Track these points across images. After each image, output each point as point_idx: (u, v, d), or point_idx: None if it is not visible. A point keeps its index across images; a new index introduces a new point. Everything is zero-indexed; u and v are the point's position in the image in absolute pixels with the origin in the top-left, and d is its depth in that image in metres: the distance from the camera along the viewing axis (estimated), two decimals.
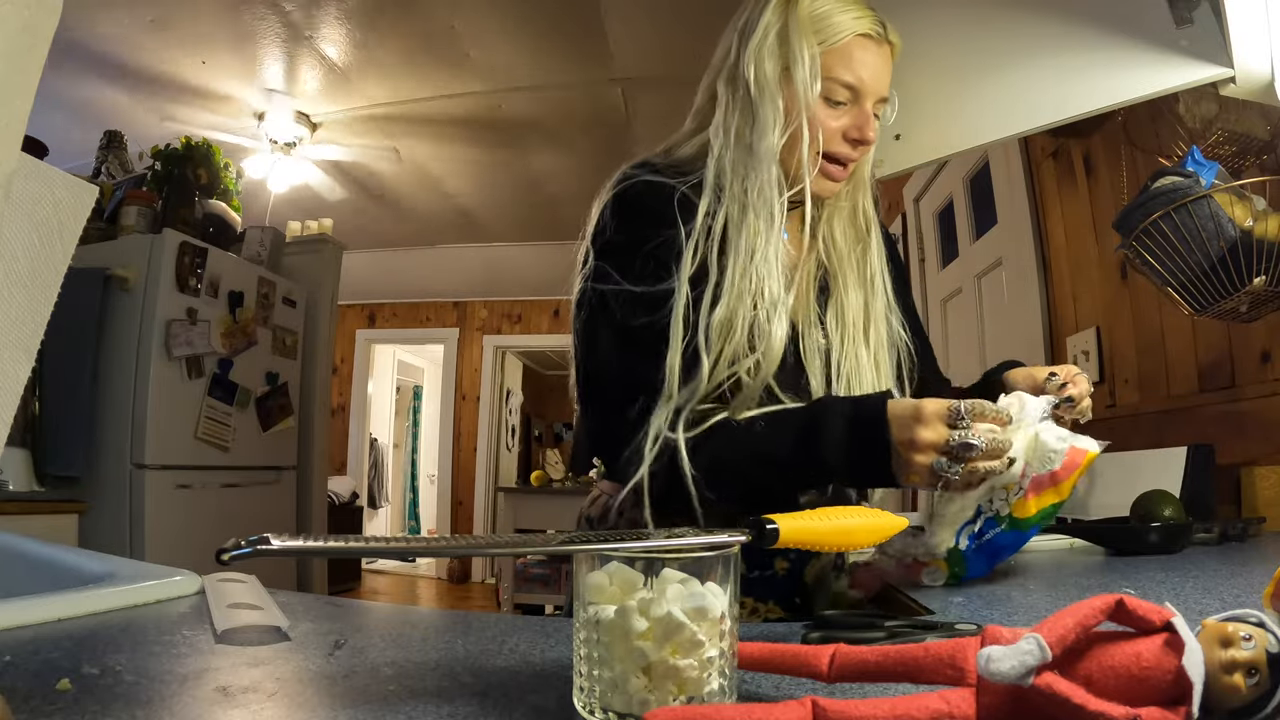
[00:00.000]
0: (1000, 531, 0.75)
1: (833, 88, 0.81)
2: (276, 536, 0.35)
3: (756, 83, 0.82)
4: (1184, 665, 0.30)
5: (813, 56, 0.80)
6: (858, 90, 0.82)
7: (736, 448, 0.75)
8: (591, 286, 0.81)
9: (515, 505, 4.63)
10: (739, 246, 0.79)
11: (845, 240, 0.91)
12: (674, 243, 0.80)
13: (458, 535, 0.81)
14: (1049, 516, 0.75)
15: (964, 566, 0.76)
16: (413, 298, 6.61)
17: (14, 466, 2.56)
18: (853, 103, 0.83)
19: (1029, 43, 1.12)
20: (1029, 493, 0.73)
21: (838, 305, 0.89)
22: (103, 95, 3.67)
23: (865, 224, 0.92)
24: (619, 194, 0.84)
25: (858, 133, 0.83)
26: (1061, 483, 0.73)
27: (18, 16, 0.33)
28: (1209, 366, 1.48)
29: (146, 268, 2.85)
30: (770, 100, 0.81)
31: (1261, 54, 0.97)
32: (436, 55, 3.47)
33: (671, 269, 0.79)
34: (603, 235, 0.83)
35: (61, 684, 0.44)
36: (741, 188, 0.81)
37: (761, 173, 0.80)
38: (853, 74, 0.81)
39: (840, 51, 0.81)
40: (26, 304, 0.38)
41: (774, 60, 0.82)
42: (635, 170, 0.85)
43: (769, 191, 0.80)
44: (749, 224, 0.80)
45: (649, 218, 0.81)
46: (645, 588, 0.40)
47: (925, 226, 3.22)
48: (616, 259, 0.81)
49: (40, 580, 0.83)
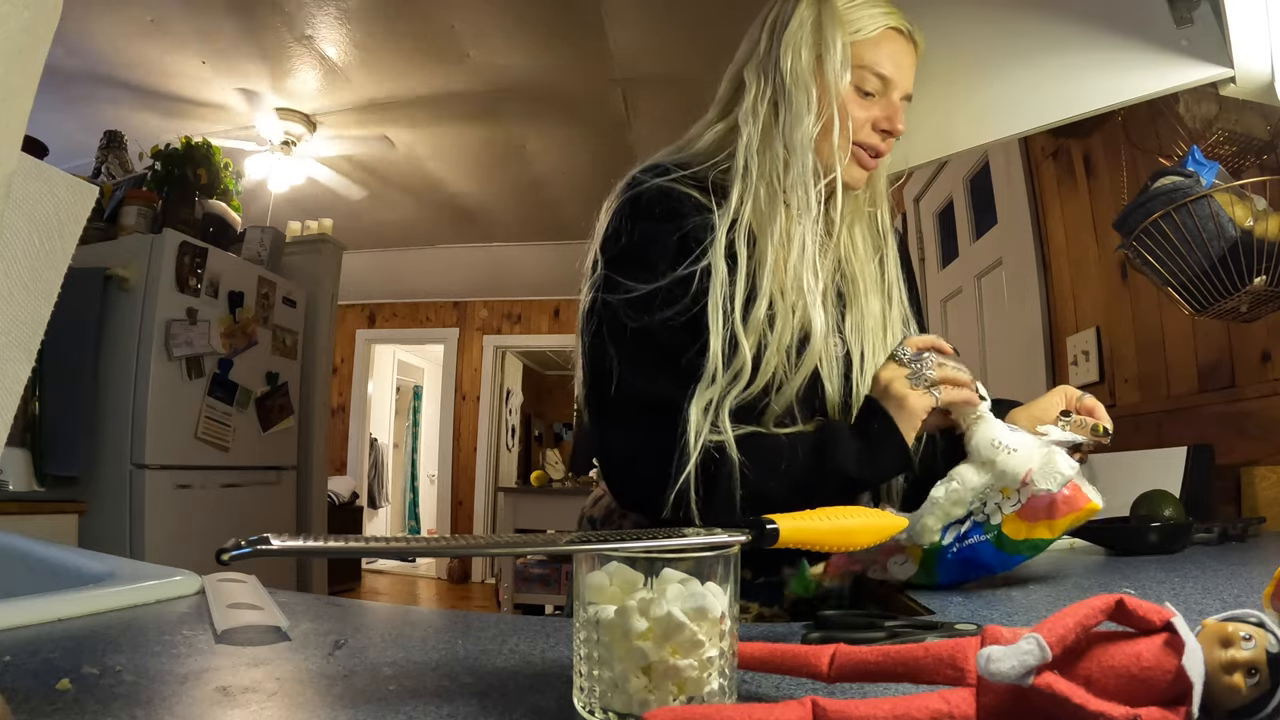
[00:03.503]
0: (984, 541, 0.72)
1: (864, 76, 0.83)
2: (276, 536, 0.35)
3: (792, 71, 0.83)
4: (1184, 665, 0.30)
5: (845, 45, 0.82)
6: (888, 80, 0.84)
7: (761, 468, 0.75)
8: (601, 297, 0.79)
9: (515, 505, 4.63)
10: (771, 234, 0.80)
11: (865, 248, 0.91)
12: (689, 239, 0.79)
13: (458, 535, 0.80)
14: (1035, 549, 0.73)
15: (935, 571, 0.74)
16: (413, 298, 6.61)
17: (14, 466, 2.56)
18: (882, 94, 0.84)
19: (1029, 43, 1.12)
20: (1024, 513, 0.71)
21: (857, 313, 0.89)
22: (103, 95, 3.67)
23: (883, 233, 0.93)
24: (630, 199, 0.82)
25: (887, 123, 0.84)
26: (1056, 519, 0.71)
27: (18, 16, 0.33)
28: (1209, 366, 1.48)
29: (146, 268, 2.85)
30: (804, 88, 0.82)
31: (1261, 54, 0.97)
32: (436, 55, 3.47)
33: (688, 263, 0.78)
34: (614, 243, 0.81)
35: (61, 684, 0.44)
36: (774, 175, 0.82)
37: (796, 161, 0.81)
38: (883, 64, 0.83)
39: (872, 42, 0.83)
40: (26, 304, 0.38)
41: (808, 49, 0.83)
42: (645, 175, 0.84)
43: (807, 178, 0.81)
44: (781, 212, 0.80)
45: (662, 222, 0.80)
46: (645, 588, 0.40)
47: (925, 226, 3.22)
48: (628, 267, 0.79)
49: (40, 580, 0.83)
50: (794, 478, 0.74)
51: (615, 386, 0.77)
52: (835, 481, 0.75)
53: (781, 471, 0.74)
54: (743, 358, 0.76)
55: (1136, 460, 1.42)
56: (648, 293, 0.77)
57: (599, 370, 0.79)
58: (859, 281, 0.89)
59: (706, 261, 0.78)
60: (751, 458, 0.73)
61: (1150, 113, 1.43)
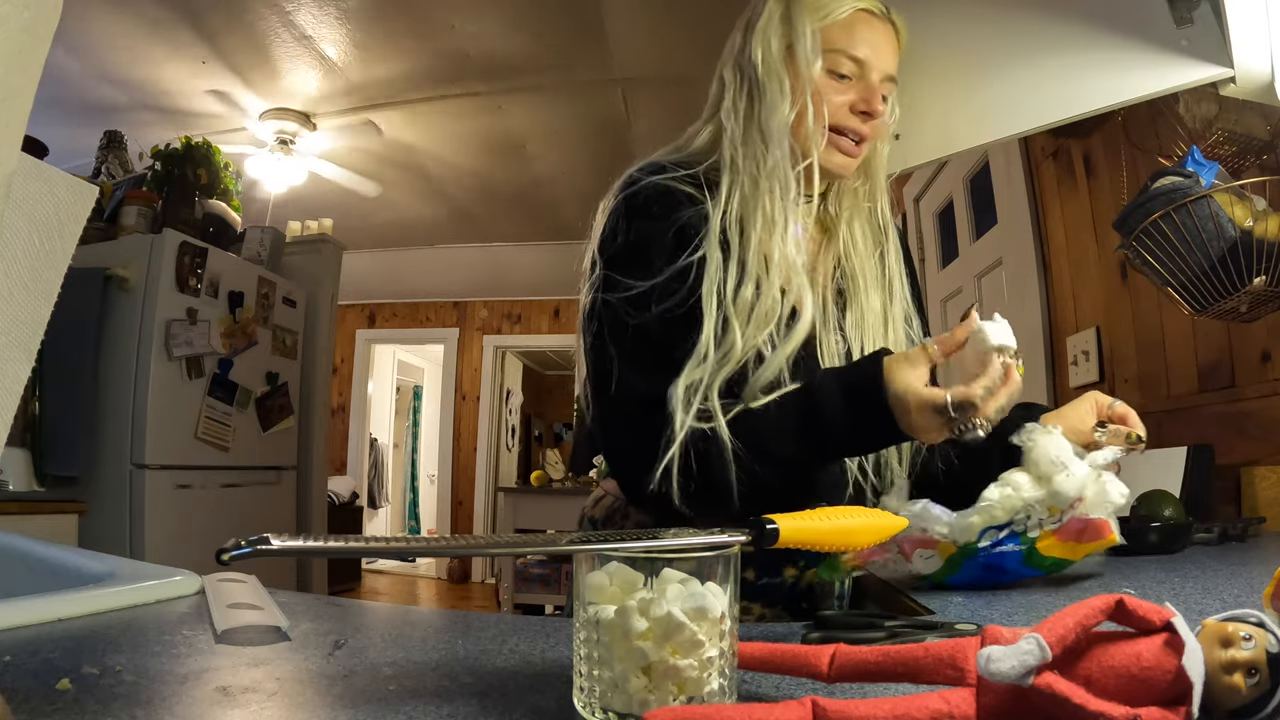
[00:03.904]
0: (1015, 551, 0.72)
1: (837, 60, 0.83)
2: (276, 536, 0.35)
3: (763, 63, 0.84)
4: (1184, 665, 0.30)
5: (814, 32, 0.82)
6: (862, 62, 0.84)
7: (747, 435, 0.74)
8: (601, 297, 0.80)
9: (515, 505, 4.62)
10: (756, 220, 0.81)
11: (865, 243, 0.91)
12: (685, 232, 0.80)
13: (458, 535, 0.80)
14: (1056, 568, 0.74)
15: (958, 569, 0.74)
16: (413, 298, 6.61)
17: (14, 466, 2.56)
18: (859, 77, 0.84)
19: (1029, 43, 1.12)
20: (1060, 532, 0.71)
21: (858, 309, 0.89)
22: (103, 95, 3.67)
23: (884, 227, 0.93)
24: (627, 198, 0.83)
25: (865, 105, 0.84)
26: (1083, 544, 0.72)
27: (18, 16, 0.33)
28: (1209, 366, 1.48)
29: (146, 268, 2.85)
30: (776, 78, 0.83)
31: (1261, 54, 0.97)
32: (436, 55, 3.47)
33: (685, 256, 0.79)
34: (611, 242, 0.82)
35: (61, 684, 0.44)
36: (755, 165, 0.83)
37: (774, 148, 0.82)
38: (855, 46, 0.83)
39: (843, 25, 0.83)
40: (26, 304, 0.38)
41: (778, 39, 0.84)
42: (641, 174, 0.85)
43: (784, 165, 0.82)
44: (765, 199, 0.81)
45: (659, 220, 0.81)
46: (645, 588, 0.40)
47: (925, 226, 3.22)
48: (626, 265, 0.80)
49: (40, 580, 0.83)
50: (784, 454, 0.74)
51: (615, 385, 0.78)
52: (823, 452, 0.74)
53: (771, 447, 0.74)
54: (733, 338, 0.77)
55: (1136, 460, 1.41)
56: (646, 289, 0.78)
57: (600, 370, 0.80)
58: (859, 278, 0.89)
59: (702, 252, 0.79)
60: (742, 436, 0.73)
61: (1150, 113, 1.42)
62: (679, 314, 0.77)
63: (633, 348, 0.78)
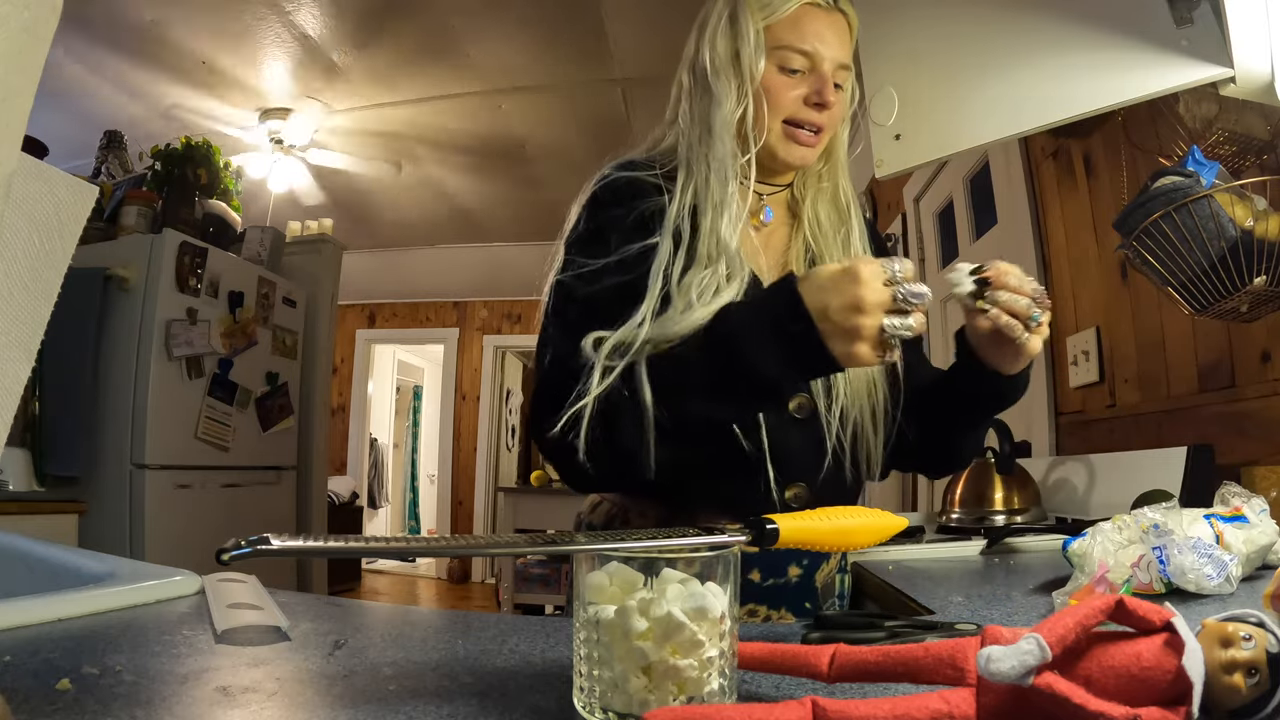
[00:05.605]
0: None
1: (786, 55, 0.85)
2: (276, 536, 0.35)
3: (711, 64, 0.86)
4: (1184, 665, 0.30)
5: (758, 31, 0.85)
6: (811, 55, 0.85)
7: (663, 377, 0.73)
8: (556, 279, 0.84)
9: (515, 505, 4.62)
10: (705, 211, 0.84)
11: (829, 222, 0.93)
12: (646, 218, 0.83)
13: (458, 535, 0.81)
14: None
15: None
16: (413, 298, 6.61)
17: (14, 466, 2.56)
18: (810, 69, 0.86)
19: (1029, 43, 1.12)
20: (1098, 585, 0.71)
21: None
22: (103, 95, 3.67)
23: (846, 204, 0.95)
24: (595, 192, 0.88)
25: (817, 97, 0.85)
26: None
27: (18, 16, 0.33)
28: (1209, 366, 1.48)
29: (146, 268, 2.85)
30: (724, 78, 0.85)
31: (1261, 54, 0.97)
32: (436, 55, 3.47)
33: (642, 239, 0.82)
34: (574, 230, 0.87)
35: (61, 684, 0.44)
36: (704, 160, 0.86)
37: (717, 144, 0.85)
38: (803, 40, 0.85)
39: (789, 21, 0.85)
40: (26, 304, 0.38)
41: (725, 40, 0.86)
42: (611, 169, 0.89)
43: (726, 159, 0.84)
44: (713, 189, 0.84)
45: (621, 207, 0.85)
46: (645, 588, 0.40)
47: (925, 226, 3.22)
48: (584, 247, 0.84)
49: (40, 580, 0.83)
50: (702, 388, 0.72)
51: (550, 351, 0.81)
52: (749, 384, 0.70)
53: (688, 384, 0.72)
54: (671, 314, 0.78)
55: (1136, 460, 1.42)
56: (599, 267, 0.81)
57: (542, 343, 0.83)
58: (824, 259, 0.91)
59: (656, 239, 0.82)
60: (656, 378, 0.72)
61: (1150, 113, 1.42)
62: (625, 292, 0.79)
63: (575, 317, 0.80)
